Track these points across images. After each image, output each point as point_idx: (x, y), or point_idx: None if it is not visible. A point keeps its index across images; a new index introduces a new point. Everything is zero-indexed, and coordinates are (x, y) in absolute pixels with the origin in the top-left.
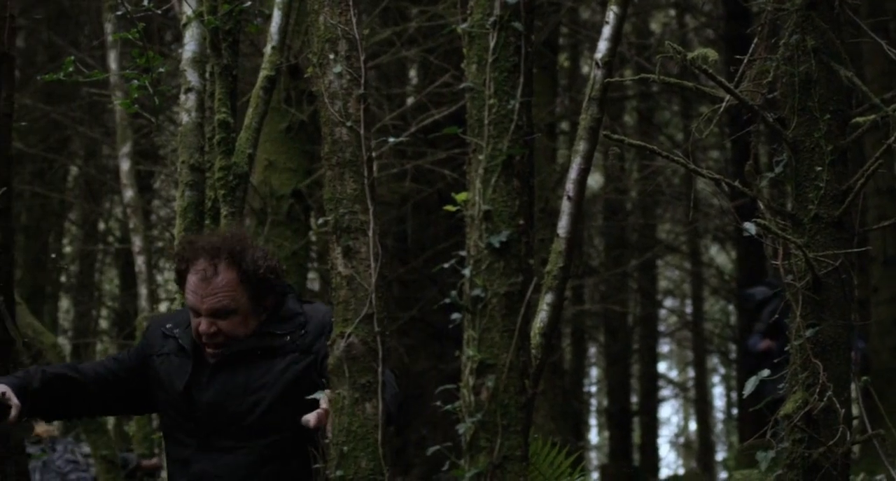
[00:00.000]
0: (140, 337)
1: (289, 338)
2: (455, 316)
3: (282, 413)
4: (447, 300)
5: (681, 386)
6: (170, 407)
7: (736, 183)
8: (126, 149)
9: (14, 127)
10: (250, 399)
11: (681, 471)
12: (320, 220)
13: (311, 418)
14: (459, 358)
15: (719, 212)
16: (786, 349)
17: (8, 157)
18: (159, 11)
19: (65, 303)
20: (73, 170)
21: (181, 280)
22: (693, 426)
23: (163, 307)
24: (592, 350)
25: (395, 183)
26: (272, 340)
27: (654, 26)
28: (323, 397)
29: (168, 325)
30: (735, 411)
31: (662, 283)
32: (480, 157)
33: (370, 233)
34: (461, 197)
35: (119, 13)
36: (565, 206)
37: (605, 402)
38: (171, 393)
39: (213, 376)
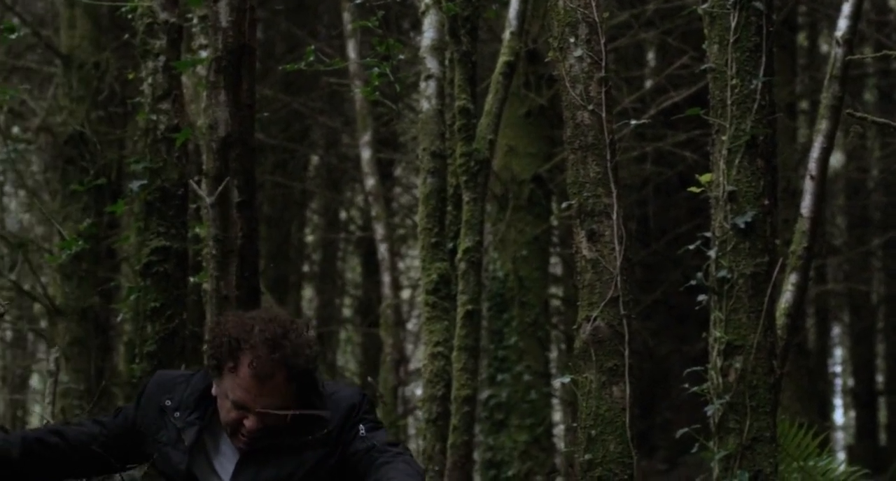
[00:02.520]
0: (136, 399)
1: (311, 436)
2: (701, 297)
3: None
4: (692, 282)
5: None
6: None
7: None
8: (367, 137)
9: (256, 118)
10: None
11: None
12: (563, 204)
13: None
14: (703, 340)
15: None
16: None
17: (251, 148)
18: None
19: (308, 291)
20: (314, 159)
21: (222, 367)
22: None
23: (405, 294)
24: (836, 330)
25: (636, 165)
26: (305, 434)
27: (894, 2)
28: None
29: (167, 403)
30: None
31: None
32: (724, 138)
33: (614, 216)
34: (705, 178)
35: (357, 2)
36: (808, 186)
37: (850, 382)
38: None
39: (240, 469)
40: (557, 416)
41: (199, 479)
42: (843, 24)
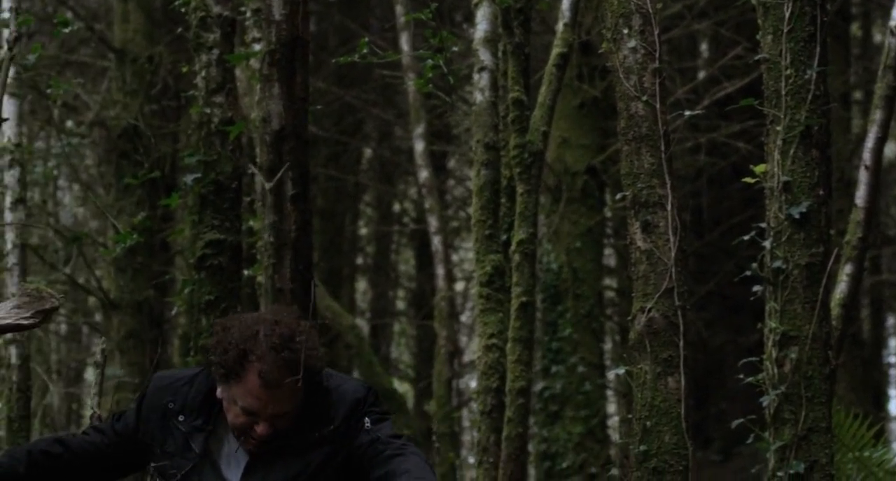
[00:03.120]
0: (136, 405)
1: (317, 434)
2: (756, 288)
3: None
4: (747, 272)
5: None
6: None
7: None
8: (420, 129)
9: (309, 111)
10: None
11: None
12: (618, 196)
13: None
14: (757, 330)
15: None
16: None
17: (304, 141)
18: None
19: (362, 284)
20: (368, 152)
21: (229, 375)
22: None
23: (458, 287)
24: (891, 320)
25: (690, 156)
26: (311, 433)
27: None
28: None
29: (170, 405)
30: None
31: None
32: (778, 128)
33: (668, 207)
34: (760, 168)
35: None
36: (862, 176)
37: None
38: None
39: (249, 471)
40: (612, 408)
41: None
42: None
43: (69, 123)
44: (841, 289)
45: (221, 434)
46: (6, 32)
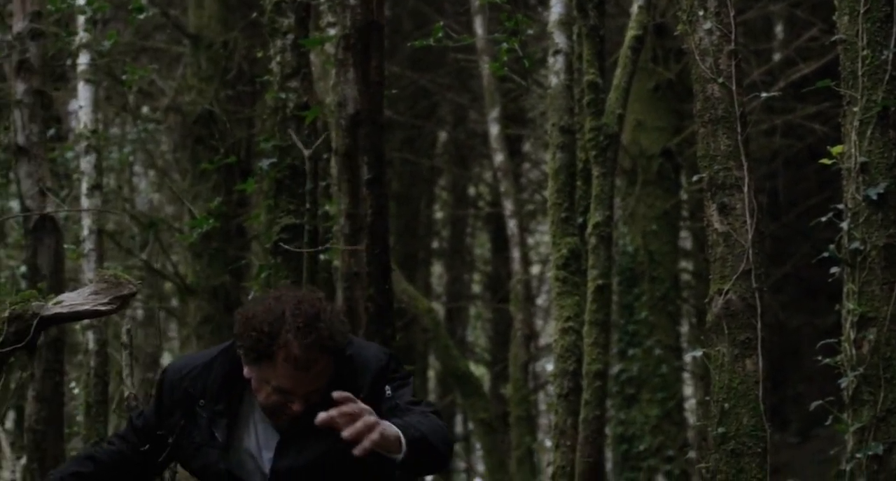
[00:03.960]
0: (154, 398)
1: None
2: (834, 269)
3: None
4: (825, 254)
5: None
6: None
7: None
8: (495, 113)
9: (384, 95)
10: (332, 472)
11: None
12: (694, 178)
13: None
14: (834, 312)
15: None
16: None
17: (380, 125)
18: None
19: (437, 268)
20: (443, 135)
21: (260, 358)
22: None
23: (534, 270)
24: None
25: (765, 138)
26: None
27: None
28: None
29: (190, 390)
30: None
31: None
32: (855, 109)
33: (745, 189)
34: (836, 150)
35: None
36: None
37: None
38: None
39: (283, 449)
40: (688, 390)
41: (234, 470)
42: None
43: (145, 109)
44: None
45: (246, 415)
46: (81, 19)
